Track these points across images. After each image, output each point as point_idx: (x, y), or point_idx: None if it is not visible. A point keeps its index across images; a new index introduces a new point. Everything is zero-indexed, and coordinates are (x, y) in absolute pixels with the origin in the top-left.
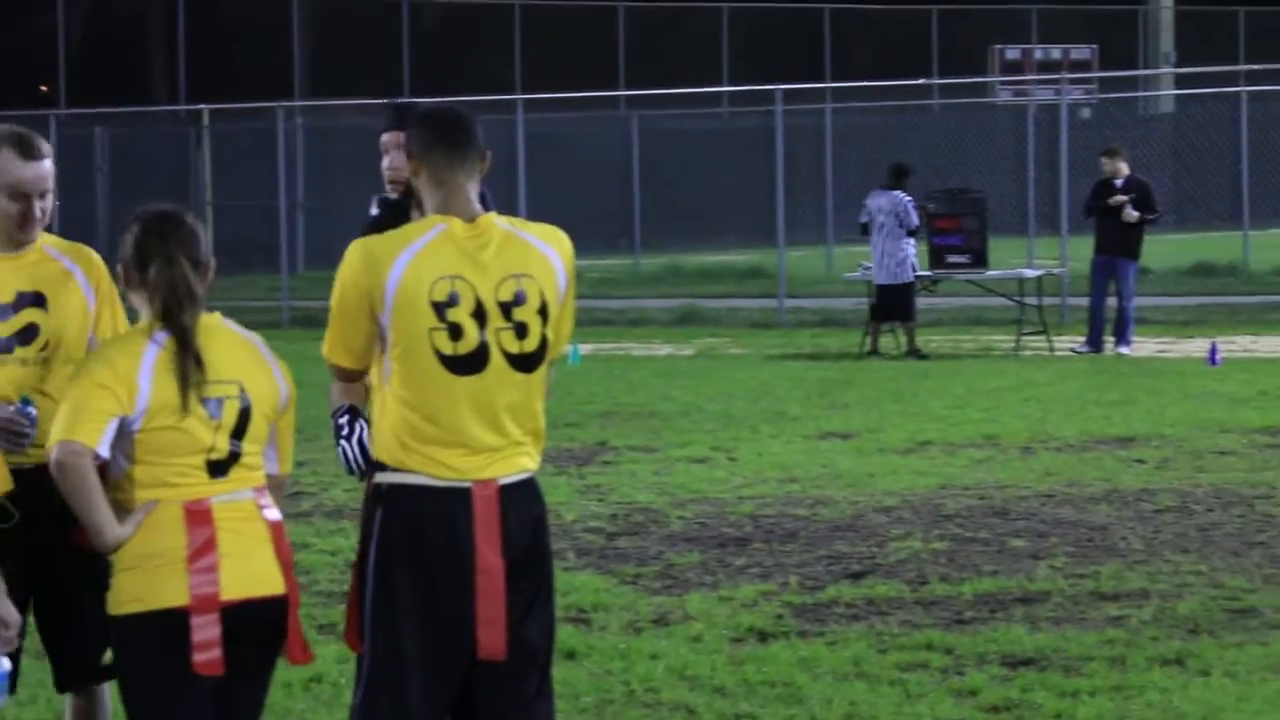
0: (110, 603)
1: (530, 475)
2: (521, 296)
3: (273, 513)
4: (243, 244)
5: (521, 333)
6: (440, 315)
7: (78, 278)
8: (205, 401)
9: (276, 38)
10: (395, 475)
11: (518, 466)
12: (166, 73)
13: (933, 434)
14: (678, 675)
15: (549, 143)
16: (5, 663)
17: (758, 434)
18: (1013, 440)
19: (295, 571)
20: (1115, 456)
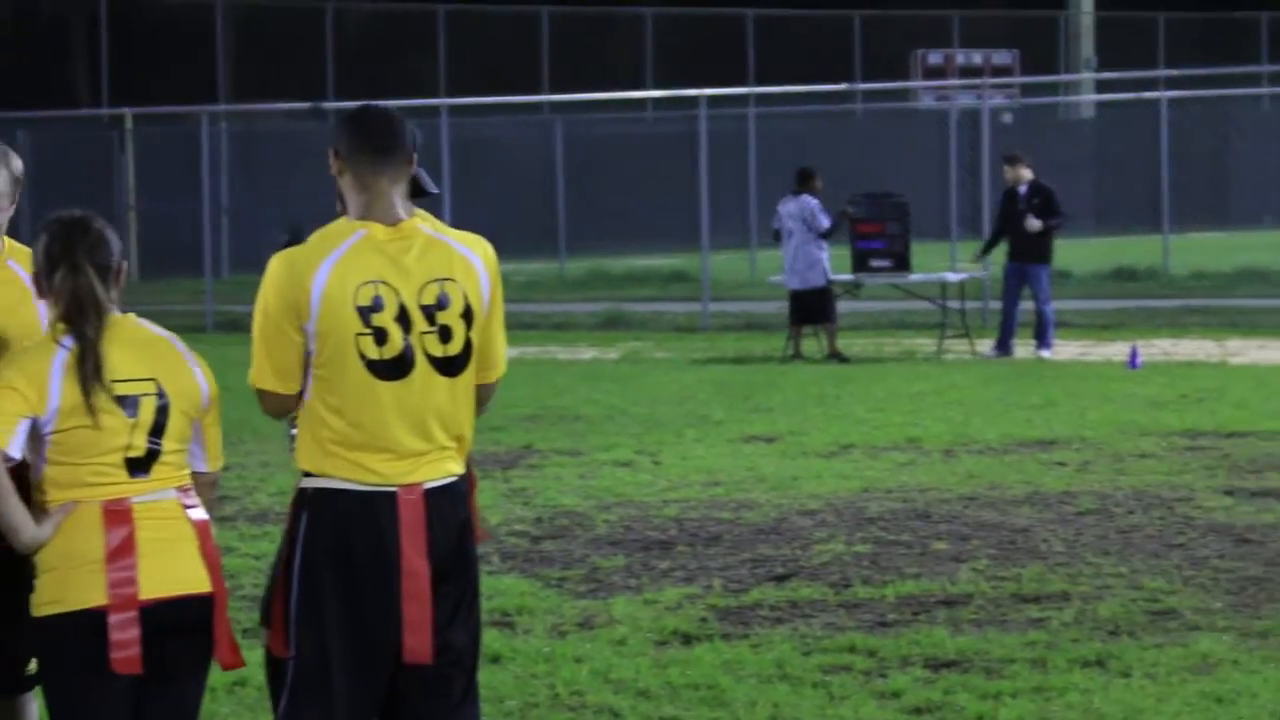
0: (32, 605)
1: (456, 479)
2: (445, 300)
3: (198, 512)
4: (167, 248)
5: (445, 337)
6: (365, 320)
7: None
8: (121, 400)
9: (200, 41)
10: (321, 480)
11: (444, 471)
12: (89, 76)
13: (856, 437)
14: (602, 678)
15: (474, 148)
16: None
17: (682, 438)
18: (935, 443)
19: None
20: (1037, 459)
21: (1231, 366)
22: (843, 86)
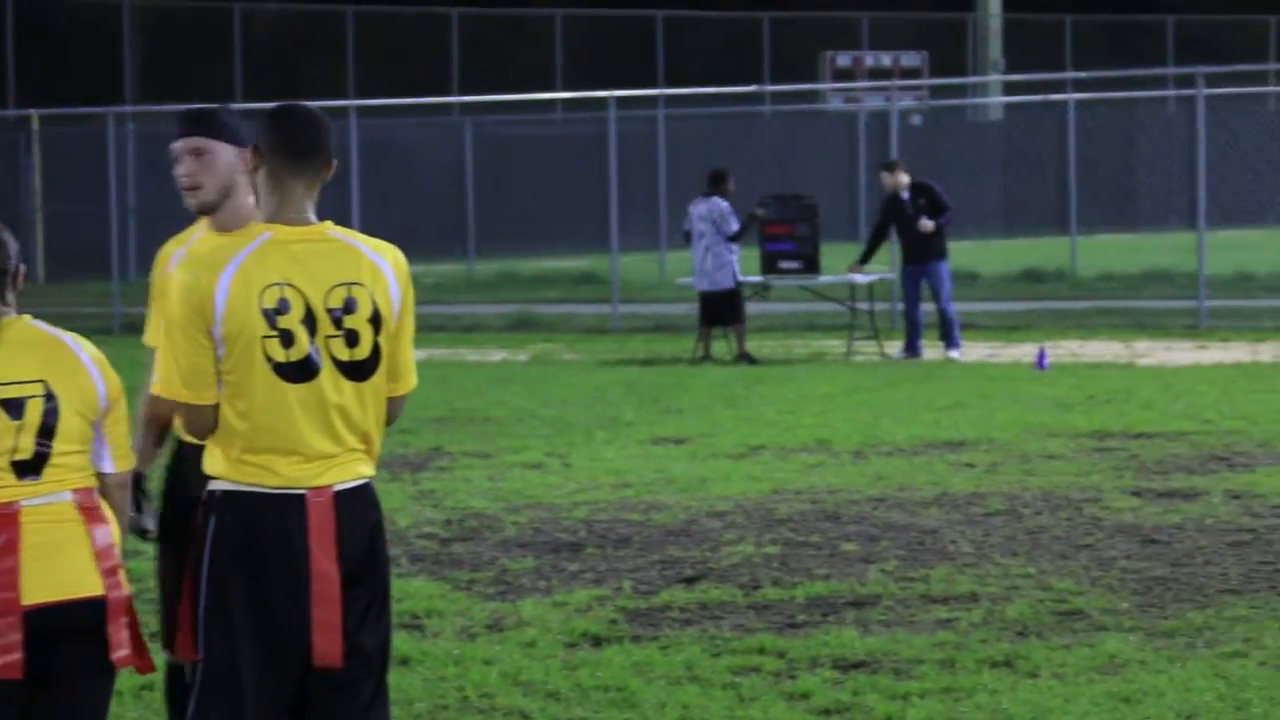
0: None
1: (367, 482)
2: (352, 304)
3: (96, 514)
4: (74, 250)
5: (352, 340)
6: (271, 323)
7: None
8: (4, 404)
9: (107, 42)
10: (229, 483)
11: (354, 473)
12: None
13: (765, 439)
14: (512, 681)
15: (382, 149)
16: None
17: (592, 439)
18: (844, 445)
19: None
20: (945, 461)
21: (1139, 368)
22: (752, 88)
